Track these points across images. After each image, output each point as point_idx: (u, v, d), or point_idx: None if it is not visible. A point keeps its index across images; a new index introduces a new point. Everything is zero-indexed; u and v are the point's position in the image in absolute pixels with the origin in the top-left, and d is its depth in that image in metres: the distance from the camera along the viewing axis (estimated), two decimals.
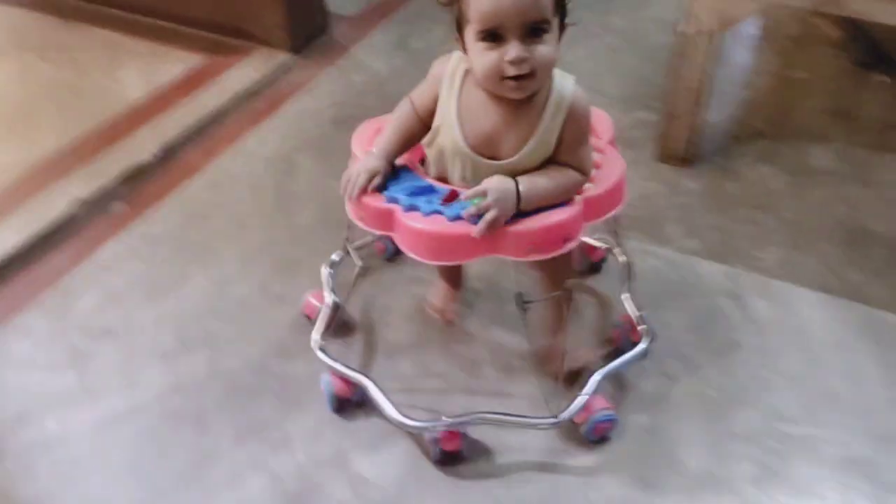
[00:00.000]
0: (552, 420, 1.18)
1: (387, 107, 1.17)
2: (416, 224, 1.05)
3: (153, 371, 1.37)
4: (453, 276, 1.38)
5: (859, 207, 1.67)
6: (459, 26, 1.03)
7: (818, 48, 2.17)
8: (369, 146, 1.14)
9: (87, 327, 1.45)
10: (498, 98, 1.04)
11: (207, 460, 1.23)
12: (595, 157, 1.12)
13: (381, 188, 1.09)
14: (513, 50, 0.97)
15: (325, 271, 1.40)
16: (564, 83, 1.05)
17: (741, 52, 2.18)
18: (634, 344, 1.29)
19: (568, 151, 1.05)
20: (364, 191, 1.08)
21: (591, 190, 1.09)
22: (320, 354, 1.28)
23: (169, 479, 1.22)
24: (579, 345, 1.31)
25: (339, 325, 1.36)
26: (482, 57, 0.99)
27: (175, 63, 2.09)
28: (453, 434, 1.18)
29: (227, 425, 1.28)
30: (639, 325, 1.31)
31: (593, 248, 1.48)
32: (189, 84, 2.02)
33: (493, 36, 0.98)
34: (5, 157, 1.77)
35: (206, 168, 1.81)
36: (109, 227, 1.66)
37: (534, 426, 1.21)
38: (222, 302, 1.50)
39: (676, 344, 1.37)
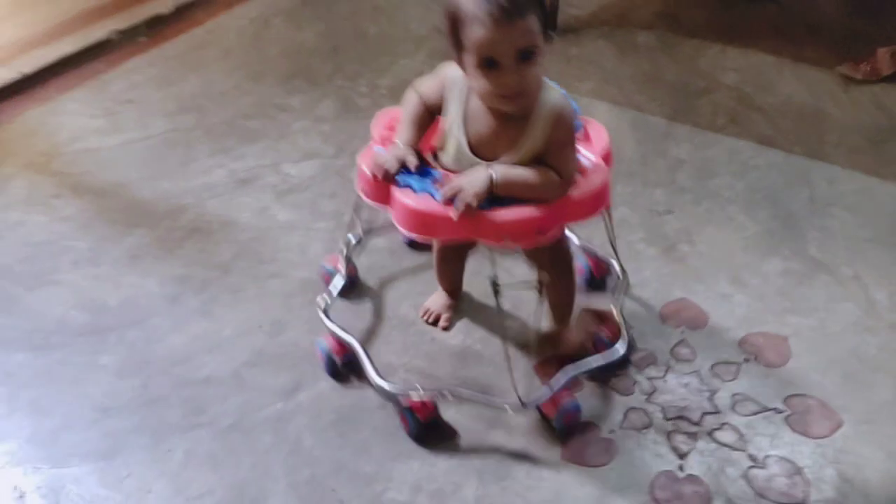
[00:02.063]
0: (517, 403, 1.28)
1: None
2: (405, 200, 1.17)
3: (159, 122, 2.10)
4: (452, 286, 1.51)
5: (658, 66, 2.37)
6: (458, 50, 1.14)
7: None
8: (386, 131, 1.29)
9: (116, 99, 2.18)
10: (495, 109, 1.17)
11: (191, 162, 1.95)
12: (585, 163, 1.23)
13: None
14: (507, 76, 1.10)
15: (343, 244, 1.52)
16: (552, 94, 1.17)
17: None
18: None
19: (552, 153, 1.17)
20: (394, 176, 1.19)
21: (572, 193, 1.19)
22: (321, 316, 1.43)
23: (166, 170, 1.93)
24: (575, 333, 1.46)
25: (353, 292, 1.55)
26: (480, 80, 1.12)
27: None
28: (427, 404, 1.29)
29: (205, 149, 2.00)
30: (620, 330, 1.42)
31: (598, 264, 1.59)
32: None
33: (489, 62, 1.10)
34: (74, 2, 2.49)
35: (207, 22, 2.54)
36: (136, 49, 2.39)
37: (499, 405, 1.31)
38: (210, 89, 2.22)
39: None
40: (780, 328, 1.52)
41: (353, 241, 1.56)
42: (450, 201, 1.13)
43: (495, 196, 1.14)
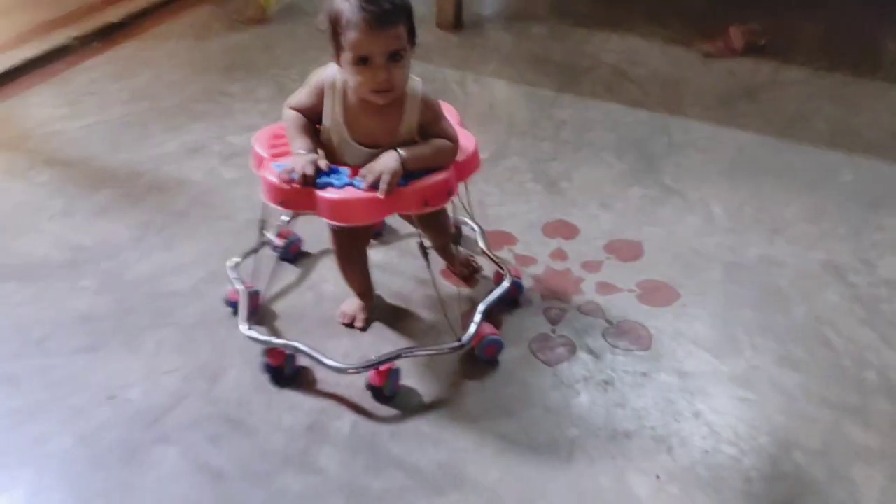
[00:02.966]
0: (457, 344, 1.48)
1: None
2: (334, 196, 1.30)
3: (116, 108, 2.41)
4: (362, 287, 1.63)
5: (549, 51, 2.77)
6: (336, 49, 1.31)
7: None
8: (269, 147, 1.44)
9: (77, 92, 2.48)
10: (370, 102, 1.34)
11: (147, 138, 2.26)
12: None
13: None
14: (378, 73, 1.28)
15: (229, 265, 1.68)
16: (415, 85, 1.37)
17: None
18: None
19: (431, 127, 1.38)
20: (315, 177, 1.31)
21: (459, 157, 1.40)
22: (251, 334, 1.52)
23: (125, 144, 2.24)
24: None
25: (262, 312, 1.66)
26: (356, 76, 1.30)
27: None
28: (380, 372, 1.44)
29: (158, 127, 2.31)
30: (502, 272, 1.68)
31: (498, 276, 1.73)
32: None
33: (363, 60, 1.27)
34: (34, 16, 2.79)
35: (154, 28, 2.88)
36: (91, 52, 2.70)
37: (444, 351, 1.50)
38: (160, 81, 2.54)
39: None
40: (636, 236, 1.90)
41: (235, 263, 1.71)
42: (373, 187, 1.30)
43: (406, 174, 1.33)
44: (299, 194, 1.32)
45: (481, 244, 1.77)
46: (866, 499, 1.31)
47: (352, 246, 1.57)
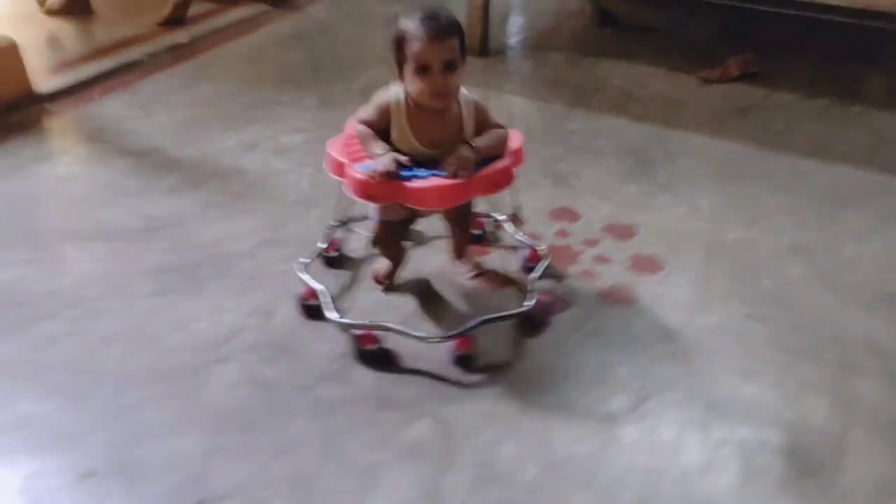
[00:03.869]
0: (434, 338, 1.69)
1: None
2: (423, 184, 1.53)
3: (181, 112, 2.76)
4: (394, 256, 1.89)
5: (564, 74, 3.10)
6: (399, 64, 1.56)
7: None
8: (344, 153, 1.63)
9: (147, 99, 2.85)
10: (431, 111, 1.57)
11: (209, 136, 2.61)
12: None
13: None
14: (436, 79, 1.51)
15: (299, 265, 1.90)
16: (465, 94, 1.62)
17: None
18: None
19: (485, 123, 1.64)
20: (397, 173, 1.54)
21: (509, 153, 1.65)
22: (344, 321, 1.72)
23: (190, 140, 2.58)
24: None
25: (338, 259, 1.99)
26: (417, 83, 1.53)
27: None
28: (368, 335, 1.68)
29: (218, 128, 2.66)
30: (529, 291, 1.81)
31: (534, 252, 1.97)
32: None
33: (423, 69, 1.51)
34: (114, 35, 3.19)
35: (215, 48, 3.25)
36: (160, 67, 3.08)
37: (422, 339, 1.69)
38: (219, 91, 2.90)
39: None
40: (631, 221, 2.19)
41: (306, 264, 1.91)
42: (453, 175, 1.54)
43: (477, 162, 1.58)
44: (386, 187, 1.53)
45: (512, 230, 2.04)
46: (812, 419, 1.57)
47: (395, 236, 1.85)
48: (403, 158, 1.57)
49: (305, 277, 1.84)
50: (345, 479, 1.45)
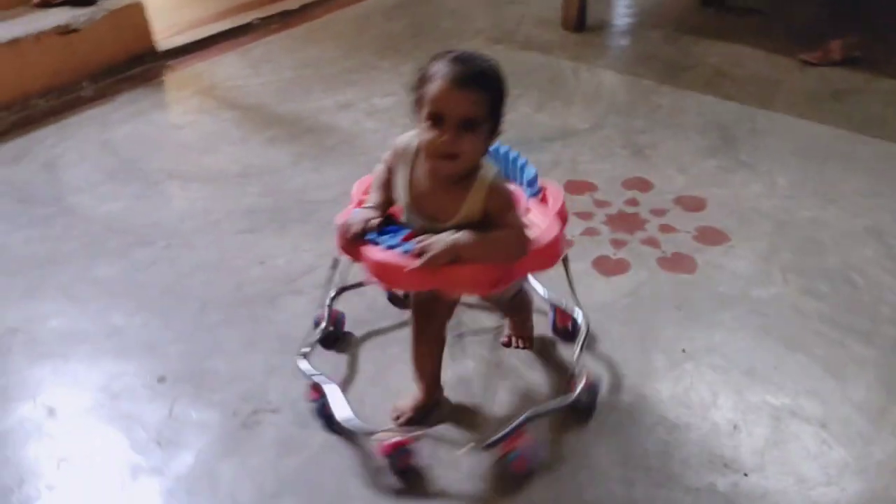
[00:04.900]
0: (477, 444, 1.39)
1: None
2: (370, 254, 1.28)
3: (287, 72, 2.95)
4: (429, 380, 1.51)
5: (658, 51, 3.10)
6: (418, 106, 1.26)
7: None
8: (363, 195, 1.43)
9: (257, 60, 3.06)
10: (434, 174, 1.28)
11: (309, 95, 2.78)
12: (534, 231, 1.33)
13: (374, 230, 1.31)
14: (447, 134, 1.22)
15: (300, 355, 1.57)
16: (488, 171, 1.28)
17: None
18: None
19: (498, 217, 1.27)
20: (360, 235, 1.31)
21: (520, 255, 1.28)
22: (298, 363, 1.54)
23: (292, 98, 2.76)
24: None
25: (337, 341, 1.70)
26: (426, 133, 1.24)
27: None
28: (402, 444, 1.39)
29: (319, 88, 2.83)
30: (576, 379, 1.51)
31: (562, 314, 1.69)
32: None
33: (436, 119, 1.23)
34: (229, 1, 3.43)
35: (324, 16, 3.44)
36: (270, 31, 3.30)
37: (461, 444, 1.42)
38: (323, 56, 3.07)
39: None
40: (703, 194, 2.20)
41: (333, 294, 1.70)
42: (418, 255, 1.24)
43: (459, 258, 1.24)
44: (350, 247, 1.33)
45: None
46: (853, 394, 1.57)
47: (429, 321, 1.46)
48: (375, 223, 1.33)
49: (305, 367, 1.55)
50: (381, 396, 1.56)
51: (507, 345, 1.69)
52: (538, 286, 1.76)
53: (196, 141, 2.52)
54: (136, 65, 2.93)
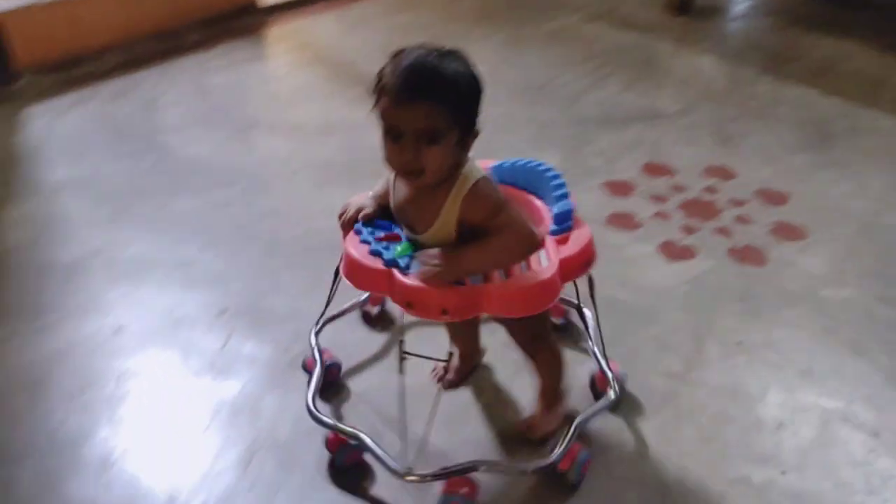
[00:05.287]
0: (543, 463, 1.28)
1: None
2: (347, 245, 1.22)
3: (379, 36, 2.98)
4: (466, 350, 1.50)
5: (763, 40, 2.98)
6: (377, 118, 1.13)
7: None
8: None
9: (352, 21, 3.11)
10: (408, 185, 1.18)
11: None
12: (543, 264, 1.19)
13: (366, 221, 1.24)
14: (406, 152, 1.09)
15: (312, 335, 1.50)
16: (471, 175, 1.14)
17: None
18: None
19: (487, 225, 1.14)
20: (353, 221, 1.25)
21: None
22: (315, 414, 1.35)
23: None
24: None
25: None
26: (386, 150, 1.13)
27: None
28: (464, 482, 1.25)
29: None
30: (608, 378, 1.41)
31: (601, 376, 1.46)
32: None
33: (394, 134, 1.10)
34: None
35: None
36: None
37: (526, 470, 1.32)
38: (416, 22, 3.09)
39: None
40: (787, 189, 2.12)
41: (318, 328, 1.54)
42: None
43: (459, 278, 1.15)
44: (344, 230, 1.28)
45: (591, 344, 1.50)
46: None
47: (461, 324, 1.45)
48: (365, 213, 1.26)
49: (323, 418, 1.38)
50: None
51: (523, 430, 1.43)
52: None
53: (285, 93, 2.60)
54: (239, 17, 3.03)
